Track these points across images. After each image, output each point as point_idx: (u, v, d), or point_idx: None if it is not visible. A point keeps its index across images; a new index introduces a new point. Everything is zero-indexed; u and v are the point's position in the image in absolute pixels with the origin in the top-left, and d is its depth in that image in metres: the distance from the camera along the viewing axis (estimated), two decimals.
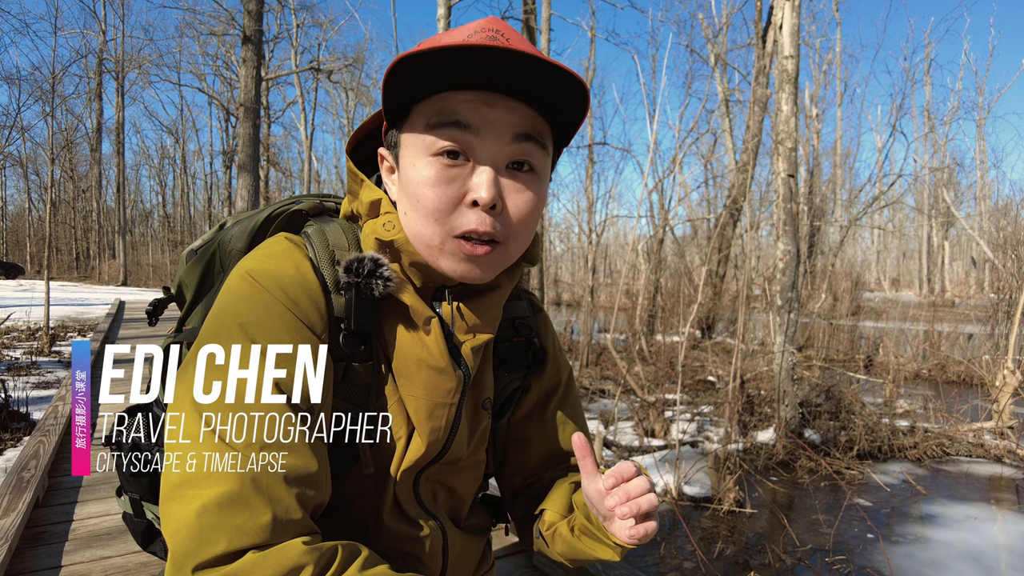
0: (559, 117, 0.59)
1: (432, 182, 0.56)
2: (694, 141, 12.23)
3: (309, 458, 0.52)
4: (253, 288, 0.56)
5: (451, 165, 0.56)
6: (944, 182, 24.98)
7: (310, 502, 0.52)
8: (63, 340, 7.76)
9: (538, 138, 0.58)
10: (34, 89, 18.71)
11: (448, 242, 0.57)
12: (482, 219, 0.56)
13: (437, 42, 0.56)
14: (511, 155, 0.57)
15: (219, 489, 0.48)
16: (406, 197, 0.59)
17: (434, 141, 0.56)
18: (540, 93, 0.56)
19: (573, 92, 0.55)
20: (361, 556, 0.51)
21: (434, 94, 0.56)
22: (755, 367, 6.68)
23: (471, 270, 0.59)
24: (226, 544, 0.46)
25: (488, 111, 0.55)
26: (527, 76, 0.54)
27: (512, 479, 0.80)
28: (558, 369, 0.79)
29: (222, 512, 0.47)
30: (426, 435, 0.63)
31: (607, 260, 24.88)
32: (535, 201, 0.59)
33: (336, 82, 21.70)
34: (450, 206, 0.56)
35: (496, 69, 0.53)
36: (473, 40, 0.54)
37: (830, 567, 3.14)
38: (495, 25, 0.57)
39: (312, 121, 22.99)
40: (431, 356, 0.61)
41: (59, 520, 2.11)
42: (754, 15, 10.46)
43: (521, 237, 0.61)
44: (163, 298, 0.82)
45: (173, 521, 0.48)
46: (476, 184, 0.56)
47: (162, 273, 23.42)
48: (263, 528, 0.47)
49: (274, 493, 0.49)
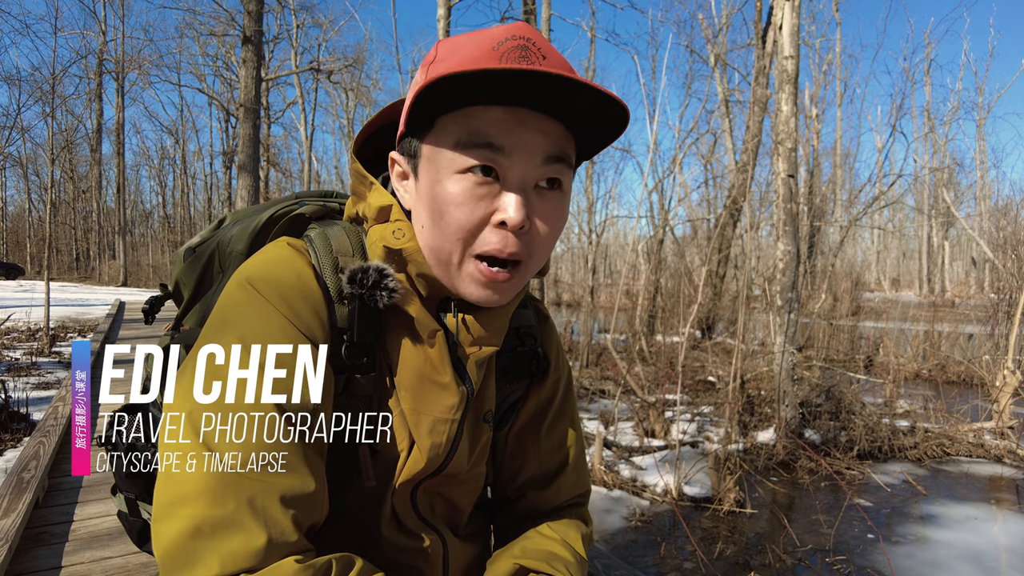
0: (586, 132, 0.58)
1: (460, 200, 0.54)
2: (694, 141, 12.25)
3: (307, 477, 0.51)
4: (253, 297, 0.55)
5: (481, 183, 0.54)
6: (944, 182, 24.98)
7: (306, 523, 0.51)
8: (63, 341, 7.75)
9: (567, 158, 0.57)
10: (34, 90, 18.71)
11: (468, 262, 0.56)
12: (507, 240, 0.55)
13: (456, 49, 0.54)
14: (541, 175, 0.56)
15: (214, 511, 0.47)
16: (426, 211, 0.57)
17: (463, 159, 0.54)
18: (574, 112, 0.54)
19: (611, 112, 0.54)
20: (356, 567, 0.51)
21: (461, 107, 0.54)
22: (755, 367, 6.68)
23: (490, 296, 0.58)
24: (219, 568, 0.45)
25: (521, 132, 0.54)
26: (563, 96, 0.52)
27: (501, 488, 0.78)
28: (557, 376, 0.77)
29: (216, 535, 0.46)
30: (426, 450, 0.62)
31: (607, 260, 24.87)
32: (560, 220, 0.58)
33: (336, 83, 21.70)
34: (477, 226, 0.55)
35: (531, 88, 0.51)
36: (503, 53, 0.53)
37: (830, 567, 3.14)
38: (524, 33, 0.55)
39: (312, 122, 22.99)
40: (434, 370, 0.60)
41: (59, 521, 2.11)
42: (754, 15, 10.46)
43: (542, 256, 0.59)
44: (160, 296, 0.80)
45: (165, 540, 0.47)
46: (505, 204, 0.54)
47: (162, 274, 23.41)
48: (257, 552, 0.46)
49: (270, 514, 0.48)
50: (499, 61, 0.52)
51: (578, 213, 14.63)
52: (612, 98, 0.51)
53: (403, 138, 0.60)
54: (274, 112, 23.64)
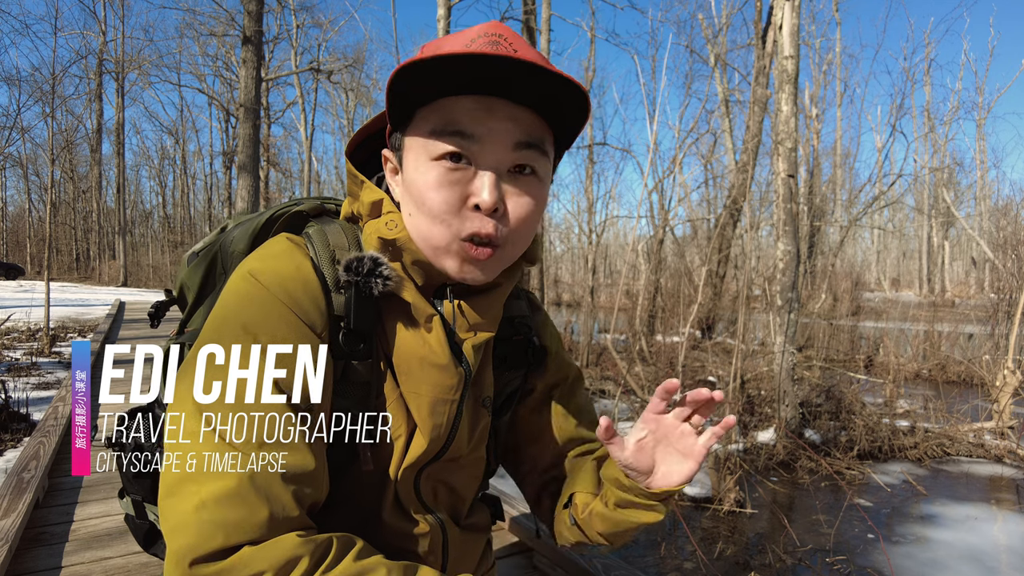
0: (560, 121, 0.60)
1: (435, 185, 0.57)
2: (694, 141, 12.24)
3: (307, 456, 0.53)
4: (255, 288, 0.57)
5: (453, 169, 0.57)
6: (944, 182, 24.99)
7: (307, 500, 0.53)
8: (63, 341, 7.76)
9: (539, 144, 0.59)
10: (34, 90, 18.73)
11: (455, 244, 0.59)
12: (484, 222, 0.58)
13: (439, 47, 0.57)
14: (512, 161, 0.58)
15: (217, 485, 0.49)
16: (411, 199, 0.60)
17: (437, 146, 0.57)
18: (541, 99, 0.57)
19: (574, 99, 0.56)
20: (356, 547, 0.52)
21: (437, 99, 0.57)
22: (755, 367, 6.68)
23: (472, 272, 0.60)
24: (223, 540, 0.47)
25: (490, 119, 0.56)
26: (529, 82, 0.55)
27: (531, 478, 0.80)
28: (564, 366, 0.80)
29: (220, 508, 0.48)
30: (428, 432, 0.63)
31: (607, 260, 24.87)
32: (535, 204, 0.61)
33: (336, 83, 21.72)
34: (454, 209, 0.57)
35: (498, 76, 0.54)
36: (474, 47, 0.55)
37: (830, 567, 3.14)
38: (497, 30, 0.58)
39: (312, 122, 23.01)
40: (433, 353, 0.62)
41: (59, 521, 2.11)
42: (754, 15, 10.46)
43: (521, 239, 0.62)
44: (165, 300, 0.82)
45: (172, 516, 0.49)
46: (478, 188, 0.57)
47: (162, 274, 23.42)
48: (260, 525, 0.48)
49: (271, 491, 0.50)
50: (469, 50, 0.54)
51: (578, 213, 14.66)
52: (573, 83, 0.54)
53: (391, 134, 0.63)
54: (274, 112, 23.66)
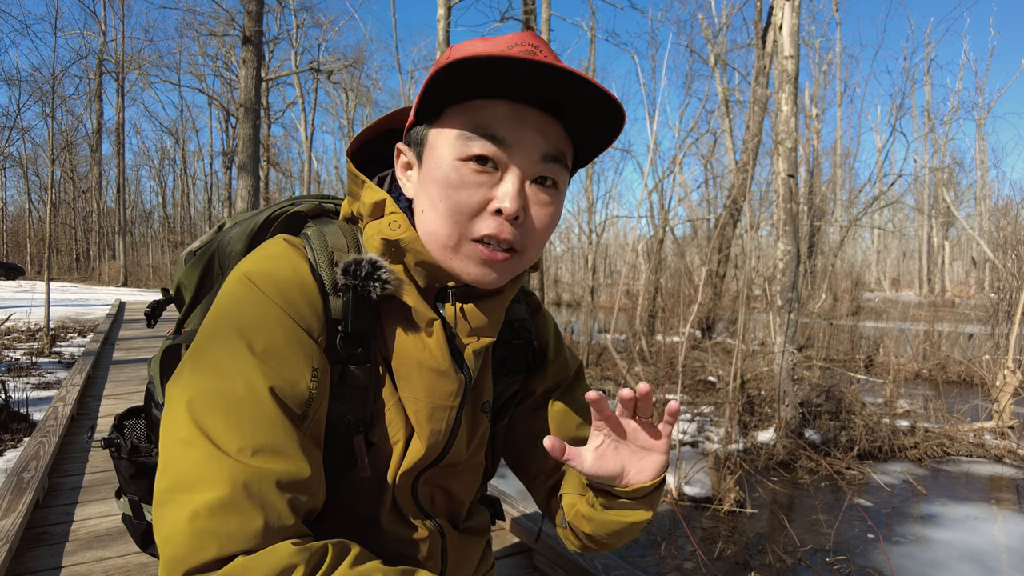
0: (584, 137, 0.61)
1: (458, 184, 0.57)
2: (694, 141, 12.24)
3: (302, 463, 0.52)
4: (250, 291, 0.56)
5: (480, 171, 0.57)
6: (944, 182, 24.99)
7: (302, 507, 0.51)
8: (63, 341, 7.75)
9: (563, 159, 0.60)
10: (34, 90, 18.75)
11: (465, 244, 0.58)
12: (503, 227, 0.57)
13: (473, 50, 0.56)
14: (537, 172, 0.59)
15: (211, 494, 0.47)
16: (427, 196, 0.59)
17: (467, 146, 0.57)
18: (573, 114, 0.58)
19: (607, 115, 0.57)
20: (352, 553, 0.51)
21: (471, 99, 0.57)
22: (755, 367, 6.68)
23: (487, 274, 0.59)
24: (217, 550, 0.46)
25: (522, 128, 0.57)
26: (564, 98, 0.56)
27: (539, 482, 0.79)
28: (564, 365, 0.79)
29: (214, 518, 0.47)
30: (426, 437, 0.62)
31: (607, 260, 24.87)
32: (554, 215, 0.61)
33: (336, 83, 21.70)
34: (473, 211, 0.57)
35: (536, 84, 0.54)
36: (514, 52, 0.55)
37: (830, 567, 3.13)
38: (533, 40, 0.58)
39: (312, 122, 23.00)
40: (432, 358, 0.61)
41: (59, 521, 2.11)
42: (754, 15, 10.46)
43: (537, 248, 0.62)
44: (162, 300, 0.82)
45: (165, 526, 0.48)
46: (503, 194, 0.57)
47: (162, 274, 23.43)
48: (254, 534, 0.47)
49: (266, 499, 0.49)
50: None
51: (578, 213, 14.65)
52: (609, 98, 0.54)
53: (411, 128, 0.62)
54: (274, 112, 23.66)
